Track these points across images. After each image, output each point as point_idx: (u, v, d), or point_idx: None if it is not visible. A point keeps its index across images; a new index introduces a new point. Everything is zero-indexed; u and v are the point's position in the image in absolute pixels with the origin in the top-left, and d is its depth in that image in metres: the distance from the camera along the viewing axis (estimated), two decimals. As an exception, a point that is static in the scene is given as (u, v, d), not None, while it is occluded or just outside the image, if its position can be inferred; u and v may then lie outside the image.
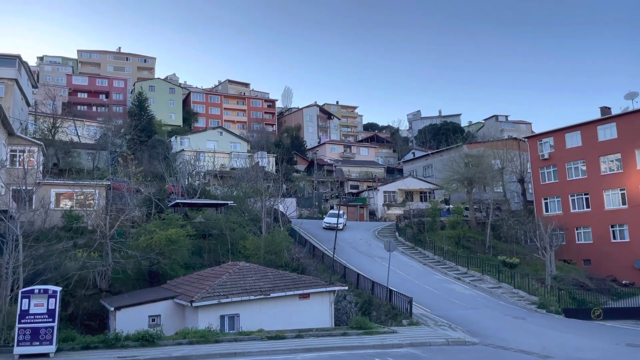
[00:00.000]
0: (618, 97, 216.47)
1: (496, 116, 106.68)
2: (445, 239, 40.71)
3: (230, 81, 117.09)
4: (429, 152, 72.56)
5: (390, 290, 24.83)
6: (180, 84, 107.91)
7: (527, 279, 30.69)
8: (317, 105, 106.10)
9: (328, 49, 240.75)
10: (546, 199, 47.51)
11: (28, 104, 52.57)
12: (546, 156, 47.75)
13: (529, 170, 51.43)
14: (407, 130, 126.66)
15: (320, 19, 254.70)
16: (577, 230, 44.08)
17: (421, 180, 64.03)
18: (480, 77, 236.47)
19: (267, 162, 64.60)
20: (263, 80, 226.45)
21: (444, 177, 53.38)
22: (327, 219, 46.89)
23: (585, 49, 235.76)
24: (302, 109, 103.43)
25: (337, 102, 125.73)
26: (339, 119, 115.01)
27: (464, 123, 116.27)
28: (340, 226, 43.37)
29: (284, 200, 43.42)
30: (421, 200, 59.73)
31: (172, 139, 69.53)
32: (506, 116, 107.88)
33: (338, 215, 42.53)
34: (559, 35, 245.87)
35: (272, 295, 21.62)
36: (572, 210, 44.78)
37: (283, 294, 22.01)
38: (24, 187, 24.89)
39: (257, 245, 31.32)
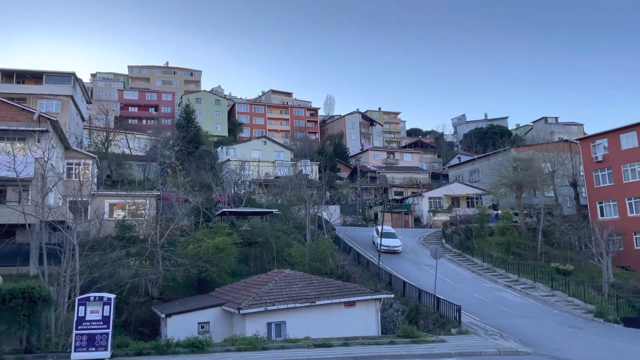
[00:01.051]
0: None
1: (545, 118, 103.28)
2: (494, 246, 39.59)
3: (273, 91, 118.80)
4: (475, 156, 70.96)
5: (438, 298, 24.34)
6: (225, 95, 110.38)
7: (582, 286, 29.37)
8: (360, 112, 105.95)
9: (370, 56, 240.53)
10: (601, 202, 45.46)
11: (83, 119, 55.08)
12: (600, 158, 45.76)
13: (581, 174, 49.40)
14: (452, 134, 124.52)
15: (361, 26, 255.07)
16: (635, 235, 41.90)
17: (467, 185, 62.65)
18: (527, 78, 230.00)
19: (310, 170, 64.94)
20: (305, 89, 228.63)
21: (492, 182, 52.03)
22: (383, 241, 36.93)
23: (632, 48, 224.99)
24: (344, 116, 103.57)
25: (380, 108, 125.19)
26: (382, 125, 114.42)
27: (511, 126, 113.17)
28: (399, 249, 39.31)
29: (327, 208, 43.47)
30: (468, 206, 58.40)
31: (218, 149, 71.08)
32: (556, 118, 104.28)
33: (379, 232, 37.93)
34: (607, 33, 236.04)
35: (317, 302, 21.63)
36: (629, 215, 42.65)
37: (329, 301, 21.98)
38: (79, 199, 26.03)
39: (302, 252, 31.47)
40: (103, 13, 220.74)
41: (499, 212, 49.93)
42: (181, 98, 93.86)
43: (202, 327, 21.34)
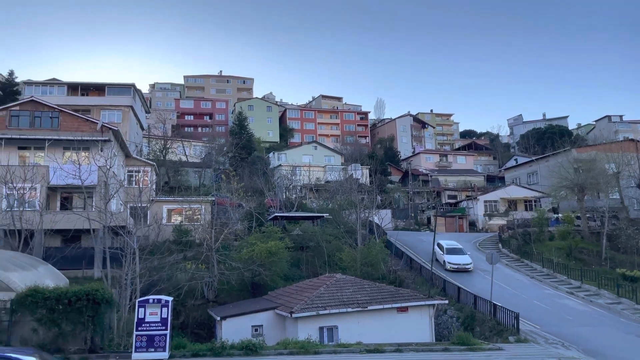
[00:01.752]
0: None
1: (609, 117, 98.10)
2: (555, 251, 37.93)
3: (323, 96, 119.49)
4: (533, 157, 68.30)
5: (495, 305, 23.58)
6: (276, 102, 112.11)
7: (652, 294, 27.60)
8: (411, 115, 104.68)
9: (421, 58, 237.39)
10: (672, 205, 42.61)
11: (142, 128, 57.52)
12: (670, 157, 42.94)
13: (649, 174, 46.52)
14: (508, 135, 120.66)
15: (411, 28, 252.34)
16: None
17: (525, 188, 60.44)
18: (587, 76, 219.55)
19: (361, 174, 64.74)
20: (355, 93, 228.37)
21: (551, 184, 49.91)
22: (448, 257, 34.87)
23: None
24: (395, 119, 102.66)
25: (431, 110, 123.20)
26: (434, 128, 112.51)
27: (571, 125, 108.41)
28: (470, 267, 34.20)
29: (378, 212, 43.16)
30: (526, 210, 56.32)
31: (270, 154, 72.21)
32: (620, 116, 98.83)
33: (439, 247, 34.29)
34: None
35: (369, 307, 21.51)
36: None
37: (381, 306, 21.80)
38: (139, 205, 27.18)
39: (353, 257, 31.39)
40: (160, 26, 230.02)
41: (560, 215, 47.81)
42: (234, 106, 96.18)
43: (256, 330, 21.68)
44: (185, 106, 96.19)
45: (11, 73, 64.91)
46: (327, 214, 41.17)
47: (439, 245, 35.96)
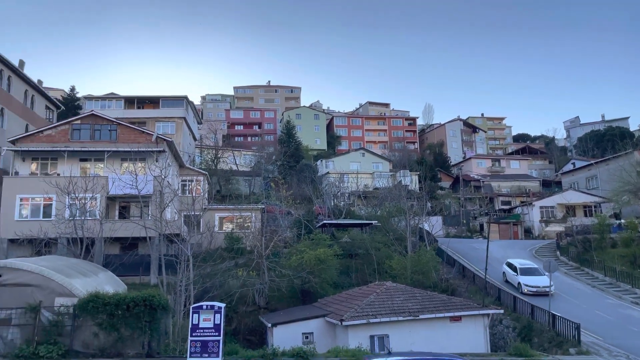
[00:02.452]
0: None
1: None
2: (618, 258, 35.91)
3: (370, 103, 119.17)
4: (592, 161, 65.23)
5: (554, 315, 22.59)
6: (323, 109, 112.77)
7: None
8: (461, 120, 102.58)
9: (470, 62, 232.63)
10: None
11: (194, 138, 59.27)
12: None
13: None
14: (565, 139, 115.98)
15: (459, 31, 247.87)
16: None
17: (584, 193, 57.75)
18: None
19: (410, 180, 63.91)
20: (403, 99, 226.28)
21: (612, 189, 47.45)
22: (524, 279, 29.65)
23: None
24: (444, 124, 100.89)
25: (482, 114, 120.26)
26: (485, 132, 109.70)
27: (633, 127, 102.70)
28: (550, 289, 27.52)
29: (429, 219, 42.41)
30: (585, 215, 53.77)
31: (318, 162, 72.58)
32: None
33: (514, 266, 29.83)
34: None
35: (421, 316, 21.11)
36: None
37: (433, 315, 21.35)
38: (193, 213, 27.94)
39: (403, 265, 30.95)
40: (211, 39, 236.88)
41: (622, 221, 45.28)
42: (282, 114, 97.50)
43: (306, 337, 21.73)
44: (235, 116, 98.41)
45: (72, 89, 68.71)
46: (376, 221, 40.85)
47: (510, 265, 31.78)
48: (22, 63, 44.17)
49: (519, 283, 29.82)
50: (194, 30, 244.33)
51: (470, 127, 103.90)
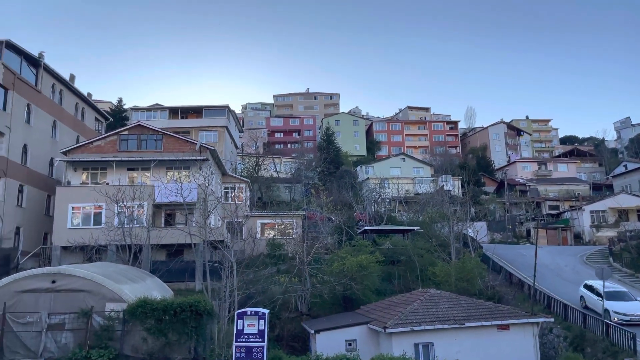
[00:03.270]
0: None
1: None
2: (677, 265, 34.07)
3: (410, 107, 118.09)
4: (645, 163, 62.29)
5: (608, 324, 21.59)
6: (362, 115, 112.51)
7: None
8: (504, 122, 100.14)
9: (512, 62, 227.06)
10: None
11: (236, 147, 60.31)
12: None
13: None
14: (615, 140, 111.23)
15: (499, 33, 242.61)
16: None
17: (637, 196, 55.12)
18: None
19: (452, 185, 62.77)
20: (443, 102, 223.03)
21: (669, 192, 45.11)
22: (613, 305, 24.22)
23: None
24: (487, 127, 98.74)
25: (527, 116, 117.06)
26: (530, 135, 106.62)
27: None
28: None
29: (473, 225, 41.47)
30: (639, 220, 51.29)
31: (358, 168, 72.38)
32: None
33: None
34: None
35: (467, 324, 20.60)
36: None
37: (479, 323, 20.80)
38: (235, 220, 28.38)
39: (447, 271, 30.34)
40: (250, 49, 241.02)
41: (681, 225, 42.98)
42: (321, 121, 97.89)
43: (350, 344, 21.59)
44: (275, 124, 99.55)
45: (120, 100, 71.26)
46: (418, 227, 40.30)
47: (590, 288, 26.88)
48: (72, 77, 46.17)
49: (606, 310, 23.91)
50: (234, 41, 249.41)
51: (514, 130, 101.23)
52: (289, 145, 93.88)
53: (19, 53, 36.20)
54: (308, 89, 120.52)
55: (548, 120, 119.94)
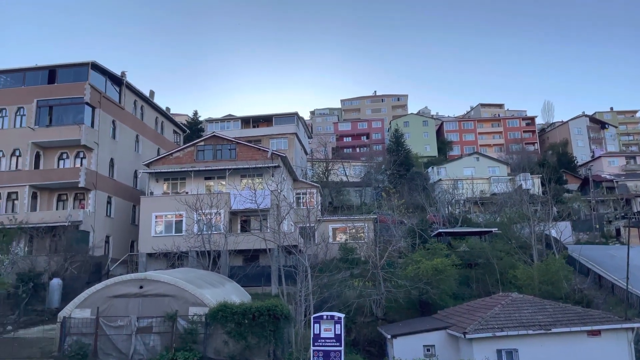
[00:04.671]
0: None
1: None
2: None
3: (482, 105, 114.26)
4: None
5: None
6: (432, 115, 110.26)
7: None
8: (586, 115, 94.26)
9: (592, 51, 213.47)
10: None
11: (306, 153, 61.11)
12: None
13: None
14: None
15: (575, 24, 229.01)
16: None
17: None
18: None
19: (531, 184, 59.90)
20: (518, 98, 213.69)
21: None
22: None
23: None
24: (567, 122, 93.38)
25: (611, 108, 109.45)
26: (616, 127, 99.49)
27: None
28: None
29: (556, 225, 39.24)
30: None
31: (429, 169, 70.94)
32: None
33: None
34: None
35: (553, 330, 19.51)
36: None
37: (567, 329, 19.62)
38: (308, 224, 28.71)
39: (529, 274, 28.86)
40: (316, 55, 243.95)
41: None
42: (390, 123, 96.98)
43: (428, 350, 21.11)
44: (343, 129, 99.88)
45: (195, 113, 74.50)
46: (496, 229, 38.72)
47: None
48: (152, 93, 48.94)
49: None
50: (300, 49, 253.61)
51: (597, 123, 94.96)
52: (357, 149, 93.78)
53: (103, 73, 38.93)
54: (375, 91, 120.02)
55: (635, 112, 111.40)
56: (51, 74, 37.90)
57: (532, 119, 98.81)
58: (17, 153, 36.45)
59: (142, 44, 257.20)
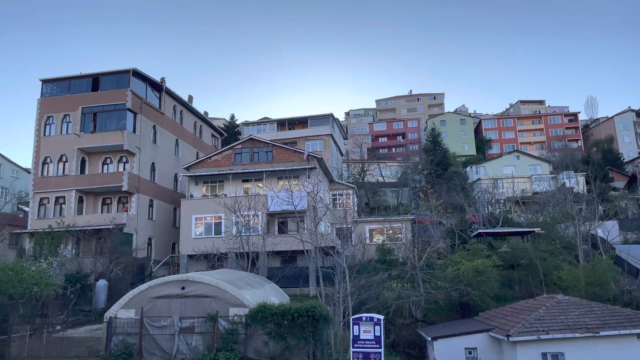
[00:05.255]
0: None
1: None
2: None
3: (522, 101, 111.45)
4: None
5: None
6: (469, 113, 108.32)
7: None
8: (632, 110, 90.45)
9: (637, 44, 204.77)
10: None
11: (341, 154, 61.08)
12: None
13: None
14: None
15: (616, 17, 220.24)
16: None
17: None
18: None
19: (575, 182, 57.92)
20: (560, 93, 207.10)
21: None
22: None
23: None
24: (612, 117, 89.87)
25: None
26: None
27: None
28: None
29: (602, 224, 37.82)
30: None
31: (467, 169, 69.71)
32: None
33: None
34: None
35: (602, 333, 18.80)
36: None
37: (616, 332, 18.88)
38: (345, 226, 28.67)
39: (575, 276, 27.90)
40: (350, 55, 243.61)
41: None
42: (426, 122, 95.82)
43: (470, 352, 20.72)
44: (378, 129, 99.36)
45: (232, 117, 75.67)
46: (539, 229, 37.64)
47: None
48: (190, 98, 50.01)
49: None
50: (334, 50, 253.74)
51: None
52: (393, 149, 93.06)
53: (144, 80, 40.05)
54: (410, 90, 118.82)
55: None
56: (94, 81, 39.28)
57: (575, 115, 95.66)
58: (64, 159, 37.90)
59: (180, 50, 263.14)
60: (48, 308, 26.14)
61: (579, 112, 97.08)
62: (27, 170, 49.49)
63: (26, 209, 44.53)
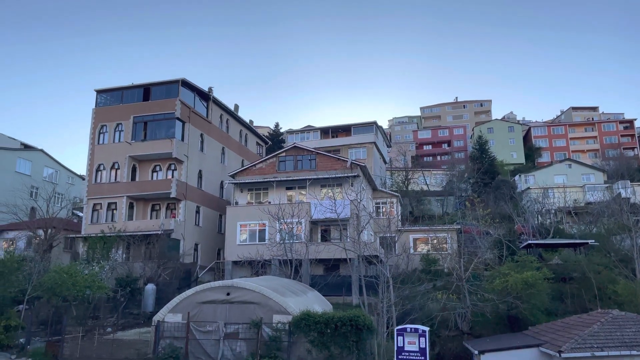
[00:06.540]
0: None
1: None
2: None
3: (574, 108, 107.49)
4: None
5: None
6: (518, 121, 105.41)
7: None
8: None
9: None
10: None
11: (385, 162, 60.65)
12: None
13: None
14: None
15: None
16: None
17: None
18: None
19: (632, 191, 55.17)
20: (614, 99, 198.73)
21: None
22: None
23: None
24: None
25: None
26: None
27: None
28: None
29: (661, 236, 35.74)
30: None
31: (516, 177, 67.69)
32: None
33: None
34: None
35: (663, 353, 17.72)
36: None
37: (679, 352, 17.74)
38: (388, 234, 28.37)
39: (632, 290, 26.46)
40: (395, 62, 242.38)
41: None
42: (472, 130, 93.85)
43: (518, 368, 19.97)
44: (423, 137, 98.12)
45: (276, 125, 76.69)
46: (592, 240, 36.01)
47: None
48: (236, 107, 51.00)
49: None
50: (378, 57, 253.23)
51: None
52: (438, 157, 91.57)
53: (192, 89, 41.19)
54: (456, 97, 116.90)
55: None
56: (145, 91, 40.71)
57: (631, 121, 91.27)
58: (116, 166, 39.39)
59: (226, 60, 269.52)
60: (99, 310, 27.10)
61: (635, 119, 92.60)
62: (82, 177, 51.69)
63: (80, 214, 46.48)
